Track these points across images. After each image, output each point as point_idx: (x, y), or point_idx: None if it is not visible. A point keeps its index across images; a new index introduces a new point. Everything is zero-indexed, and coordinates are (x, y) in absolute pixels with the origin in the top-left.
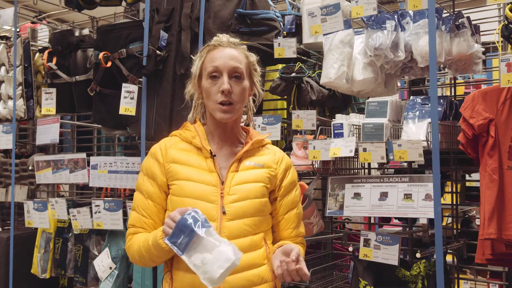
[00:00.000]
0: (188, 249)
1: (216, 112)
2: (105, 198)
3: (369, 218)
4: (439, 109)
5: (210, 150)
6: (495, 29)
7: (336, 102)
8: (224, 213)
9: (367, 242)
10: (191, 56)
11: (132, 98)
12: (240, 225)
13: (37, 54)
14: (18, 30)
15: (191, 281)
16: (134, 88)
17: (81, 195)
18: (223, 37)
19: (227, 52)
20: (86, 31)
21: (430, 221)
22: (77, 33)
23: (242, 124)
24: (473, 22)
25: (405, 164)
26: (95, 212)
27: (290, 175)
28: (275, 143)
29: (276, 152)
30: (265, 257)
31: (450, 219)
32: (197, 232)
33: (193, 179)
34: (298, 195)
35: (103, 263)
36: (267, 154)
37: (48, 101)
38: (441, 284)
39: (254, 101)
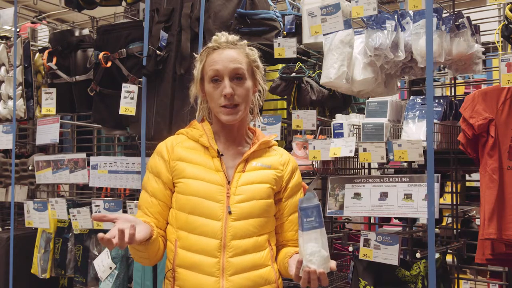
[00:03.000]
0: (310, 231)
1: (220, 115)
2: (105, 198)
3: (369, 218)
4: (439, 109)
5: (217, 149)
6: (495, 29)
7: (336, 102)
8: (229, 213)
9: (367, 242)
10: (194, 54)
11: (132, 98)
12: (245, 225)
13: (37, 54)
14: (18, 30)
15: (193, 279)
16: (134, 88)
17: (81, 195)
18: (222, 36)
19: (226, 54)
20: (86, 31)
21: None
22: (77, 33)
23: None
24: (473, 22)
25: (405, 164)
26: (95, 212)
27: (296, 177)
28: None
29: (283, 154)
30: (269, 259)
31: (450, 219)
32: (323, 226)
33: (199, 178)
34: None
35: (103, 263)
36: (274, 155)
37: (48, 101)
38: (432, 284)
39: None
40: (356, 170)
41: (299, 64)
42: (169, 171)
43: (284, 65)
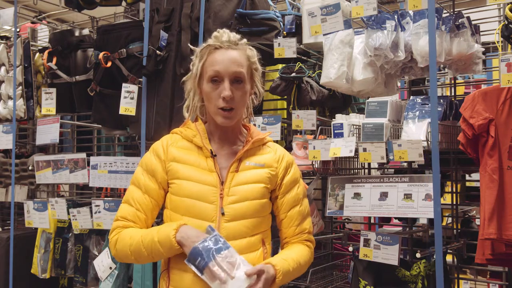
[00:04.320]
0: (207, 270)
1: (217, 117)
2: (105, 198)
3: (369, 218)
4: (439, 109)
5: (210, 149)
6: (495, 29)
7: (336, 102)
8: (223, 214)
9: (367, 242)
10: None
11: (132, 98)
12: (238, 226)
13: (37, 54)
14: (18, 30)
15: (188, 280)
16: (134, 88)
17: (81, 195)
18: (224, 34)
19: (229, 55)
20: (86, 31)
21: (430, 221)
22: (77, 33)
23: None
24: (473, 22)
25: (405, 164)
26: (95, 212)
27: (291, 173)
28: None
29: (277, 150)
30: (262, 259)
31: (450, 219)
32: (215, 255)
33: (192, 179)
34: (300, 192)
35: (103, 263)
36: (268, 153)
37: (48, 101)
38: (440, 284)
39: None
40: (356, 170)
41: (299, 64)
42: (164, 171)
43: (284, 65)
